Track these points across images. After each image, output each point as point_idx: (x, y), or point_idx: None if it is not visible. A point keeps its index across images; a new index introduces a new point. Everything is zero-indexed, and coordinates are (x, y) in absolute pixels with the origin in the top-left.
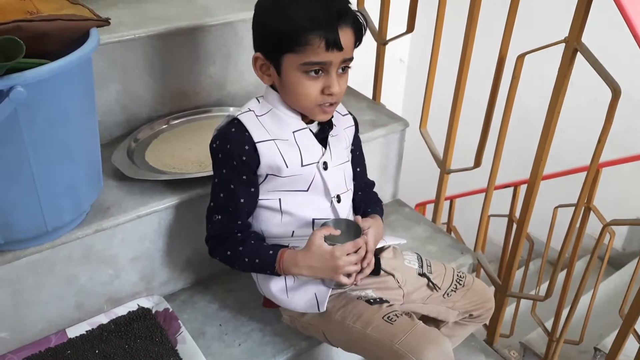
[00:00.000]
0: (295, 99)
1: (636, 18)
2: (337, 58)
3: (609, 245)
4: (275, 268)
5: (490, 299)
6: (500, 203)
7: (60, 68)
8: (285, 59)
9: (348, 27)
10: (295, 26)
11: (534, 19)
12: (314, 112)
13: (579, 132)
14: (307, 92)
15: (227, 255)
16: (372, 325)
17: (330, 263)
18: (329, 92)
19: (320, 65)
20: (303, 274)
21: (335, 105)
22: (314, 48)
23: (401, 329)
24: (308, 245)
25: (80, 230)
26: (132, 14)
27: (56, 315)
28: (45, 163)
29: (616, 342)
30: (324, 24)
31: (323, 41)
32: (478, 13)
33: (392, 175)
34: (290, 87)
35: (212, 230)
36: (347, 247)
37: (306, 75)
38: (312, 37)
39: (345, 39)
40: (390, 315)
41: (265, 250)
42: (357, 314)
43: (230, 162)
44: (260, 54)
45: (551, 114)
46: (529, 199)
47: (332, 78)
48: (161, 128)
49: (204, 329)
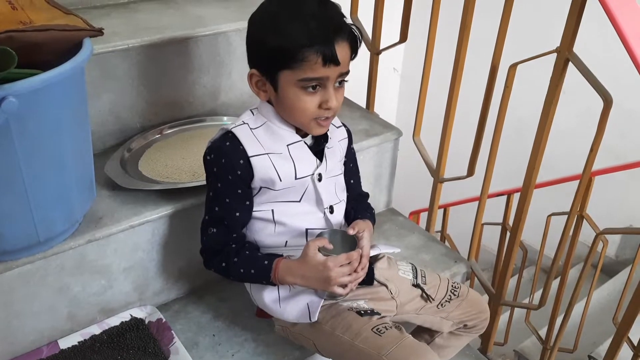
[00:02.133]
0: (292, 114)
1: (627, 27)
2: (334, 73)
3: (602, 253)
4: (270, 278)
5: (485, 310)
6: (493, 211)
7: (53, 78)
8: (281, 75)
9: (344, 41)
10: (291, 43)
11: (526, 29)
12: (310, 126)
13: (571, 140)
14: (305, 107)
15: (222, 266)
16: (361, 336)
17: (323, 274)
18: (327, 106)
19: (318, 80)
20: (297, 284)
21: (331, 119)
22: (311, 64)
23: (389, 341)
24: (302, 256)
25: (73, 241)
26: (125, 24)
27: (48, 326)
28: (38, 173)
29: (610, 351)
30: (320, 40)
31: (320, 57)
32: (470, 23)
33: (386, 184)
34: (288, 103)
35: (207, 243)
36: (340, 259)
37: (303, 91)
38: (309, 53)
39: (341, 54)
40: (379, 327)
41: (261, 261)
42: (346, 325)
43: (225, 176)
44: (255, 71)
45: (543, 123)
46: (522, 207)
47: (329, 93)
48: (154, 138)
49: (197, 339)
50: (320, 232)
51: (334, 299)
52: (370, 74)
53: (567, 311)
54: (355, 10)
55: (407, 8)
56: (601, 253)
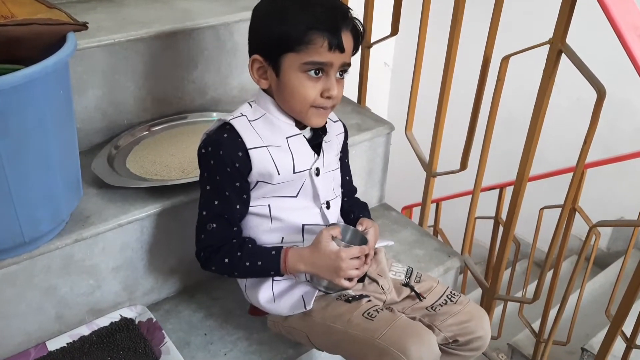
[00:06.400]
0: (292, 101)
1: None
2: (338, 60)
3: (594, 246)
4: (280, 268)
5: (483, 327)
6: (486, 205)
7: (35, 74)
8: (285, 59)
9: (348, 32)
10: (299, 25)
11: (518, 21)
12: (308, 114)
13: (562, 132)
14: (306, 93)
15: (224, 263)
16: (352, 323)
17: (335, 263)
18: (328, 94)
19: (322, 65)
20: (308, 271)
21: (330, 110)
22: (316, 47)
23: (382, 324)
24: (315, 243)
25: (60, 240)
26: (111, 18)
27: (36, 328)
28: (21, 172)
29: (604, 344)
30: (327, 25)
31: (326, 41)
32: (462, 15)
33: (379, 179)
34: (289, 88)
35: (207, 241)
36: (353, 251)
37: (306, 75)
38: (316, 36)
39: (346, 42)
40: (370, 312)
41: (267, 252)
42: (336, 314)
43: (224, 169)
44: (258, 56)
45: (536, 116)
46: (516, 201)
47: (331, 81)
48: (142, 134)
49: (188, 339)
50: (334, 223)
51: (327, 292)
52: (362, 68)
53: (561, 305)
54: (345, 2)
55: (398, 1)
56: (594, 246)
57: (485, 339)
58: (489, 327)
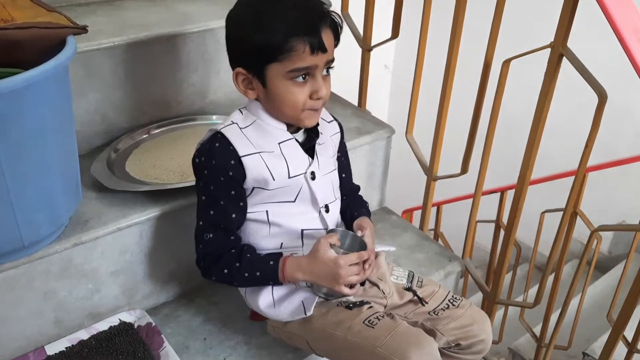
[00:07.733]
0: (283, 108)
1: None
2: (322, 60)
3: (595, 250)
4: (279, 278)
5: (484, 330)
6: (487, 209)
7: (35, 77)
8: (269, 69)
9: (328, 28)
10: (277, 34)
11: (519, 25)
12: (302, 118)
13: (563, 136)
14: (296, 99)
15: (224, 273)
16: (353, 330)
17: (333, 271)
18: (317, 96)
19: (307, 70)
20: (306, 280)
21: (321, 109)
22: (299, 53)
23: (383, 332)
24: (313, 252)
25: (59, 244)
26: (111, 22)
27: (34, 332)
28: (21, 176)
29: (606, 349)
30: (306, 29)
31: (307, 45)
32: (463, 18)
33: (379, 183)
34: (278, 97)
35: (205, 250)
36: (351, 257)
37: (293, 82)
38: (296, 42)
39: (327, 41)
40: (371, 319)
41: (265, 262)
42: (337, 321)
43: (218, 178)
44: (241, 69)
45: (538, 119)
46: (517, 205)
47: (318, 82)
48: (142, 137)
49: (187, 343)
50: (332, 229)
51: (328, 299)
52: (362, 71)
53: (563, 309)
54: (346, 6)
55: (399, 3)
56: (595, 250)
57: (487, 342)
58: (491, 331)
